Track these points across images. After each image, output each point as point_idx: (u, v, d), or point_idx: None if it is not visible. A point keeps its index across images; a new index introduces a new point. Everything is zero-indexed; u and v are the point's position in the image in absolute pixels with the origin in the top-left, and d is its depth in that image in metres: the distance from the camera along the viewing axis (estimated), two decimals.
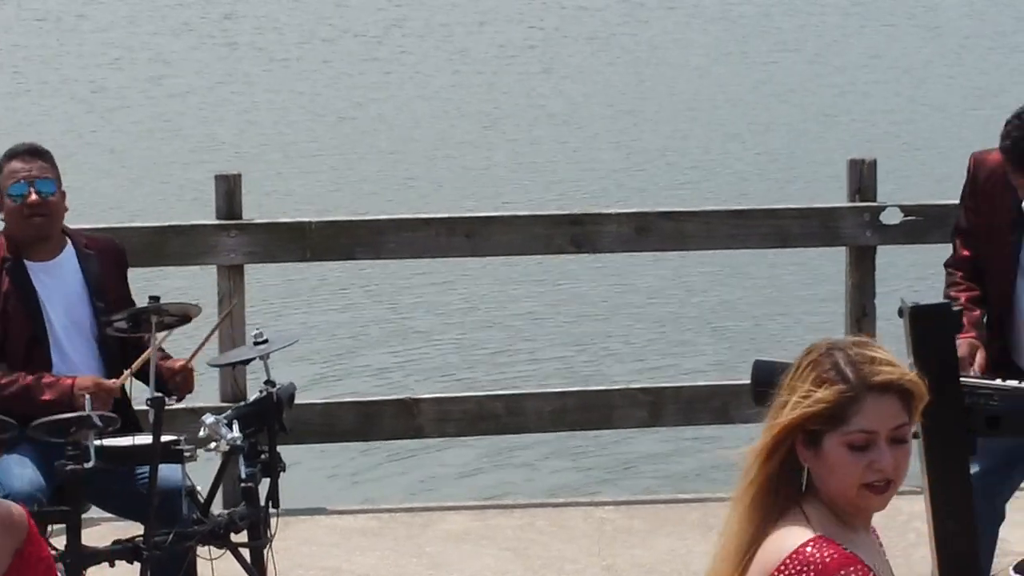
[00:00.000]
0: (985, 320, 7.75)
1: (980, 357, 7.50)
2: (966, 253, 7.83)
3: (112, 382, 7.84)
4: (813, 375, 4.22)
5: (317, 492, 10.62)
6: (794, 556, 4.18)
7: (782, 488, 4.27)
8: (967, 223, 7.85)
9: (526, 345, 15.60)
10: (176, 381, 7.90)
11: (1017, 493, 7.92)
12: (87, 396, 7.78)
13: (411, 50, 28.43)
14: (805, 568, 4.16)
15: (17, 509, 4.43)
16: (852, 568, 4.14)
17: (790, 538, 4.19)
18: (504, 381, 14.06)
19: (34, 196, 8.02)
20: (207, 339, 8.23)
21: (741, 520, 4.30)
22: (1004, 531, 7.87)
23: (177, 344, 8.34)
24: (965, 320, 7.53)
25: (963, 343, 7.43)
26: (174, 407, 8.09)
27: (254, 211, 10.06)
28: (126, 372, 7.87)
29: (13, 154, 8.14)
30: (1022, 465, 7.79)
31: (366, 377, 14.55)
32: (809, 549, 4.17)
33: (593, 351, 15.37)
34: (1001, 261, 7.70)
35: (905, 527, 7.90)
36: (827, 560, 4.16)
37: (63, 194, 8.17)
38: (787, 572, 4.18)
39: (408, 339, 15.81)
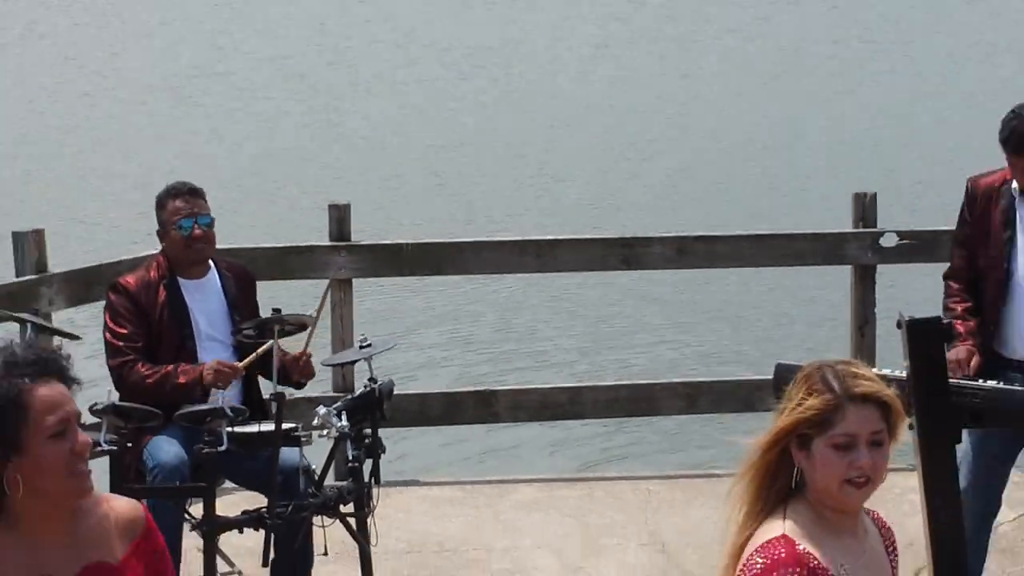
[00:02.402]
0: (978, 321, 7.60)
1: (975, 362, 7.44)
2: (963, 262, 7.71)
3: (233, 364, 7.94)
4: (805, 387, 4.27)
5: (411, 468, 10.61)
6: (758, 549, 4.23)
7: (777, 481, 4.31)
8: (965, 234, 7.72)
9: (585, 347, 15.55)
10: (299, 367, 8.00)
11: None
12: (219, 391, 7.93)
13: (488, 89, 28.30)
14: (760, 560, 4.21)
15: (137, 506, 4.33)
16: (791, 569, 4.15)
17: (762, 536, 4.25)
18: (567, 376, 14.06)
19: (198, 230, 8.12)
20: (312, 330, 8.27)
21: (741, 500, 4.35)
22: None
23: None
24: (963, 329, 7.48)
25: (962, 349, 7.43)
26: (295, 397, 8.19)
27: (360, 234, 10.08)
28: (250, 356, 7.95)
29: (177, 193, 8.20)
30: (1009, 463, 7.76)
31: (452, 372, 14.51)
32: (767, 550, 4.22)
33: (640, 351, 15.32)
34: (995, 261, 7.57)
35: (900, 499, 7.90)
36: (770, 557, 4.21)
37: (212, 224, 8.31)
38: (749, 563, 4.25)
39: (486, 341, 15.78)
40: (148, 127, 25.79)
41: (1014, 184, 7.50)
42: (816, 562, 4.19)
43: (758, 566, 4.20)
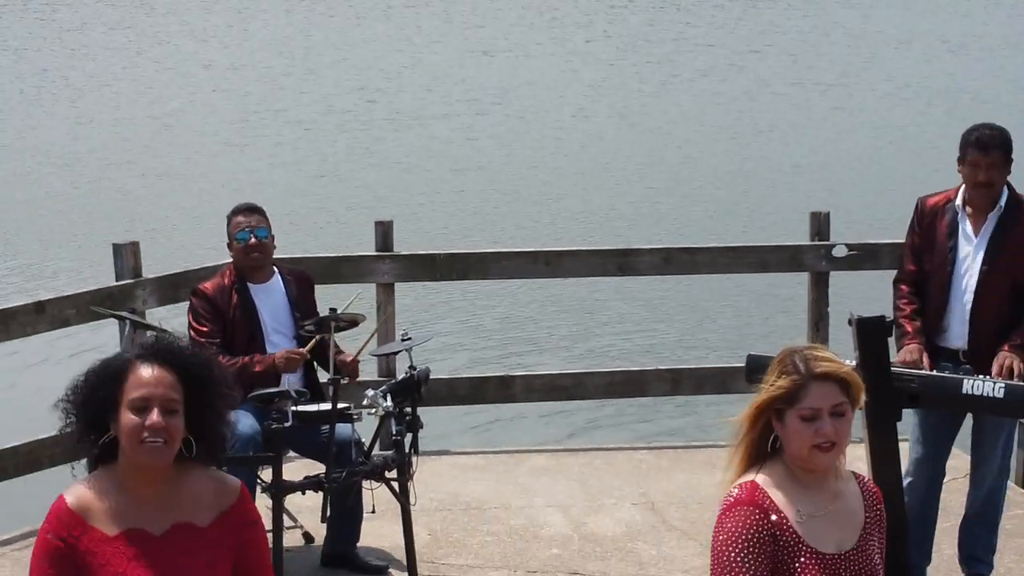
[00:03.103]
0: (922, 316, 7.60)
1: (926, 358, 7.43)
2: (912, 267, 7.67)
3: (299, 350, 8.02)
4: (778, 369, 4.36)
5: (443, 440, 10.63)
6: (730, 491, 4.35)
7: (759, 447, 4.39)
8: (914, 243, 7.68)
9: (586, 339, 15.55)
10: (347, 370, 8.05)
11: None
12: (286, 376, 8.00)
13: (502, 123, 28.26)
14: (731, 498, 4.32)
15: (234, 483, 4.31)
16: (747, 508, 4.25)
17: (738, 482, 4.37)
18: (571, 363, 14.09)
19: (253, 240, 8.19)
20: (367, 343, 8.36)
21: (734, 460, 4.42)
22: None
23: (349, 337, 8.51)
24: (911, 329, 7.54)
25: (914, 348, 7.47)
26: (346, 383, 8.22)
27: (399, 245, 10.09)
28: (311, 342, 8.04)
29: (239, 210, 8.31)
30: (950, 440, 7.78)
31: (476, 360, 14.50)
32: (737, 490, 4.34)
33: (632, 344, 15.33)
34: (939, 265, 7.54)
35: (850, 466, 7.86)
36: (735, 496, 4.32)
37: (273, 237, 8.33)
38: (723, 500, 4.36)
39: (505, 334, 15.77)
40: (223, 154, 25.80)
41: (957, 202, 7.52)
42: (773, 505, 4.28)
43: (728, 501, 4.32)
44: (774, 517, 4.26)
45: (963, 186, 7.51)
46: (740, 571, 4.20)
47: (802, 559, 4.25)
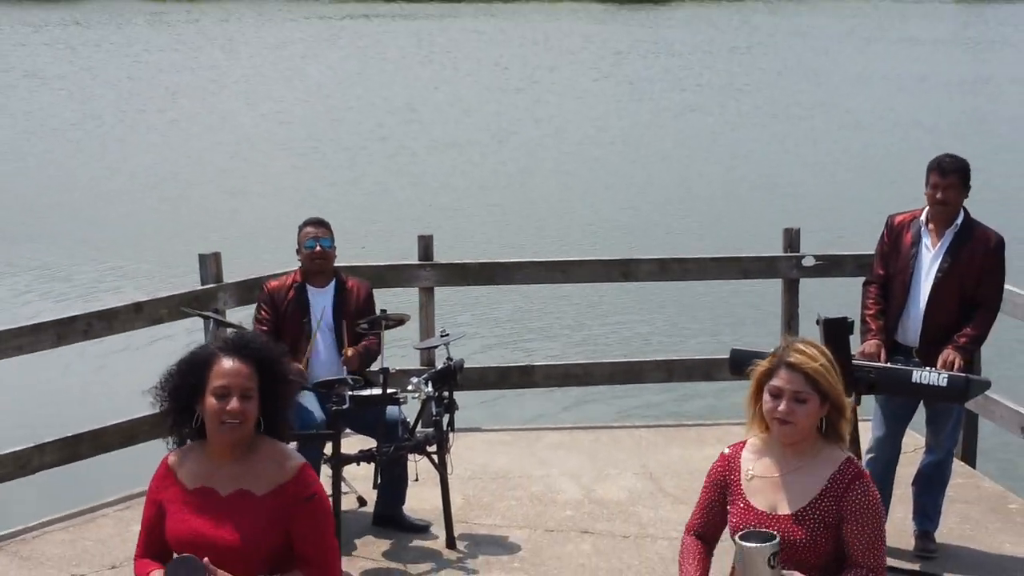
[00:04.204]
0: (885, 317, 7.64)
1: (883, 353, 7.48)
2: (880, 272, 7.71)
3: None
4: (772, 352, 4.47)
5: (475, 419, 10.63)
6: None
7: (761, 417, 4.52)
8: (884, 251, 7.73)
9: (595, 336, 15.53)
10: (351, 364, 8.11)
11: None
12: (344, 367, 8.05)
13: (523, 148, 28.29)
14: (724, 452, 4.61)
15: (296, 461, 4.34)
16: (719, 464, 4.59)
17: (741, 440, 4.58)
18: (583, 355, 14.06)
19: (318, 248, 8.24)
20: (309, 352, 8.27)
21: (751, 423, 4.55)
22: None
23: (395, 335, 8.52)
24: (874, 327, 7.59)
25: (873, 343, 7.51)
26: (395, 370, 8.25)
27: (438, 255, 10.09)
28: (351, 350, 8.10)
29: (309, 223, 8.36)
30: (906, 422, 7.80)
31: (503, 353, 14.51)
32: (730, 447, 4.59)
33: (633, 339, 15.31)
34: (902, 269, 7.59)
35: None
36: (723, 452, 4.61)
37: (335, 247, 8.37)
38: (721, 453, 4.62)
39: (527, 330, 15.77)
40: (289, 175, 25.86)
41: (921, 219, 7.59)
42: (737, 462, 4.52)
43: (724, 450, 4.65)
44: (734, 469, 4.53)
45: (927, 207, 7.59)
46: (701, 495, 4.67)
47: (739, 505, 4.47)
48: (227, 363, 4.20)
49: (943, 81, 41.35)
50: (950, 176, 7.44)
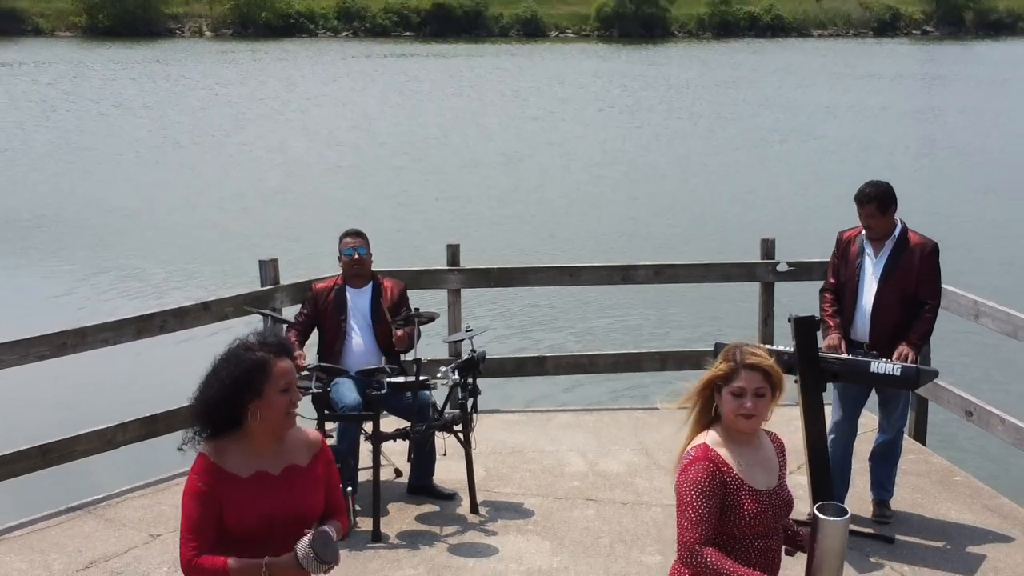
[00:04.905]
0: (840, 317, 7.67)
1: (844, 345, 7.53)
2: (832, 280, 7.76)
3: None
4: (723, 356, 4.38)
5: (494, 402, 10.65)
6: (689, 451, 4.36)
7: (706, 411, 4.40)
8: (834, 263, 7.78)
9: (598, 330, 15.48)
10: (403, 344, 8.06)
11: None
12: (384, 361, 8.02)
13: (538, 167, 28.28)
14: (690, 455, 4.33)
15: (315, 432, 4.45)
16: (702, 463, 4.27)
17: (694, 443, 4.37)
18: (587, 347, 14.04)
19: (356, 256, 8.24)
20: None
21: (690, 419, 4.44)
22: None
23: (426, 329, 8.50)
24: (833, 324, 7.65)
25: (835, 337, 7.57)
26: (427, 360, 8.23)
27: (464, 261, 10.09)
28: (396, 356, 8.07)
29: (348, 233, 8.37)
30: (861, 406, 7.82)
31: (520, 344, 14.50)
32: (693, 451, 4.34)
33: (633, 334, 15.25)
34: (850, 279, 7.64)
35: (788, 424, 7.92)
36: (693, 455, 4.32)
37: (371, 254, 8.37)
38: (684, 457, 4.37)
39: (541, 326, 15.73)
40: (337, 190, 25.84)
41: (863, 233, 7.64)
42: (720, 459, 4.28)
43: (688, 458, 4.31)
44: (724, 467, 4.27)
45: None
46: (698, 508, 4.22)
47: (743, 494, 4.27)
48: (283, 364, 4.21)
49: (900, 111, 41.22)
50: (868, 205, 7.53)
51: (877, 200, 7.51)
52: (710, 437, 4.34)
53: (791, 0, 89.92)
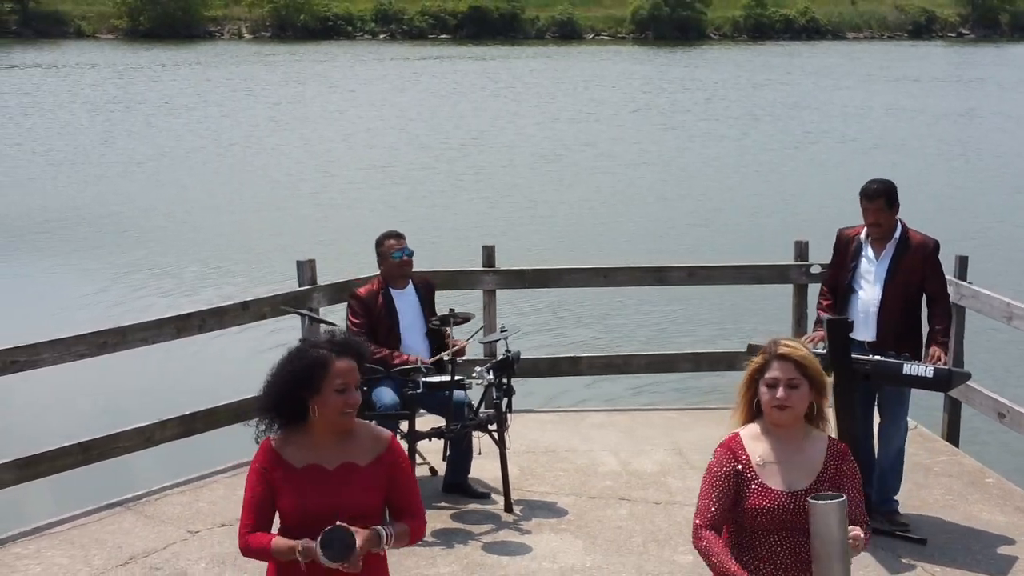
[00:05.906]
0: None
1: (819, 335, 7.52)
2: (831, 278, 7.80)
3: (427, 360, 8.03)
4: (761, 350, 4.39)
5: (528, 402, 10.65)
6: (724, 439, 4.44)
7: (750, 405, 4.42)
8: (834, 262, 7.82)
9: (631, 331, 15.46)
10: (459, 352, 8.02)
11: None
12: (419, 358, 8.03)
13: (573, 170, 28.29)
14: (720, 444, 4.42)
15: (386, 433, 4.42)
16: (723, 451, 4.37)
17: (731, 433, 4.43)
18: (622, 348, 14.02)
19: (404, 258, 8.24)
20: (464, 344, 8.20)
21: (735, 414, 4.46)
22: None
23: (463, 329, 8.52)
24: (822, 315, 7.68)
25: (820, 332, 7.58)
26: (462, 359, 8.23)
27: (500, 262, 10.09)
28: (441, 355, 8.01)
29: (390, 235, 8.35)
30: (873, 405, 7.77)
31: (554, 344, 14.48)
32: (727, 438, 4.41)
33: (666, 334, 15.24)
34: (847, 277, 7.65)
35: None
36: (723, 442, 4.40)
37: (412, 254, 8.37)
38: (719, 448, 4.43)
39: (574, 326, 15.71)
40: (372, 192, 25.95)
41: (862, 234, 7.64)
42: (742, 450, 4.33)
43: (718, 446, 4.42)
44: (742, 458, 4.33)
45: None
46: (708, 493, 4.34)
47: (752, 487, 4.30)
48: (342, 363, 4.23)
49: (935, 113, 40.97)
50: (877, 200, 7.53)
51: (886, 195, 7.51)
52: (747, 429, 4.39)
53: (826, 2, 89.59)
